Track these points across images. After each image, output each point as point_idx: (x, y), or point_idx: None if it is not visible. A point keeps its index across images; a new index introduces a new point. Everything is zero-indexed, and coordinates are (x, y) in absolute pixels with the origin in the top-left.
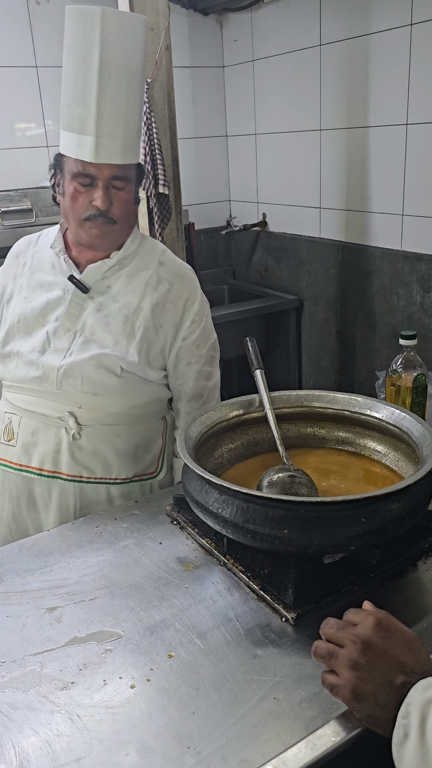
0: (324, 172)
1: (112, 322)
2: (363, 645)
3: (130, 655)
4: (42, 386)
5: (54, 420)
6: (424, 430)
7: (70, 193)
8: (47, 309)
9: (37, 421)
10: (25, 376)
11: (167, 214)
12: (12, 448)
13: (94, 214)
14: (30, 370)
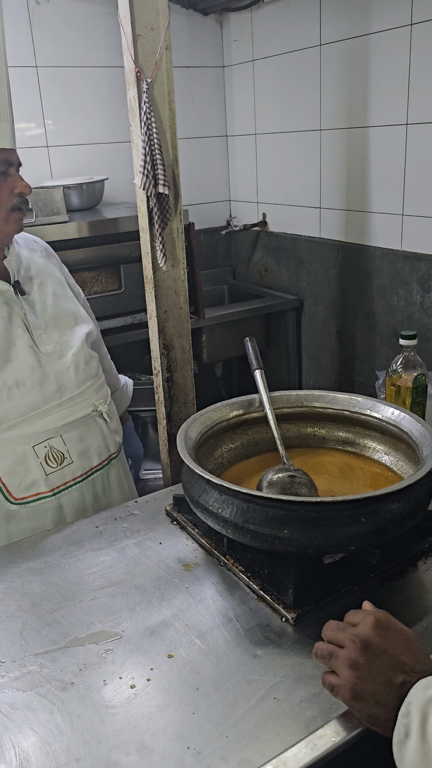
0: (324, 172)
1: (60, 302)
2: (362, 644)
3: (130, 655)
4: (65, 395)
5: (90, 415)
6: (424, 430)
7: None
8: (11, 325)
9: (79, 427)
10: (43, 397)
11: (167, 214)
12: (69, 465)
13: (20, 202)
14: (44, 388)
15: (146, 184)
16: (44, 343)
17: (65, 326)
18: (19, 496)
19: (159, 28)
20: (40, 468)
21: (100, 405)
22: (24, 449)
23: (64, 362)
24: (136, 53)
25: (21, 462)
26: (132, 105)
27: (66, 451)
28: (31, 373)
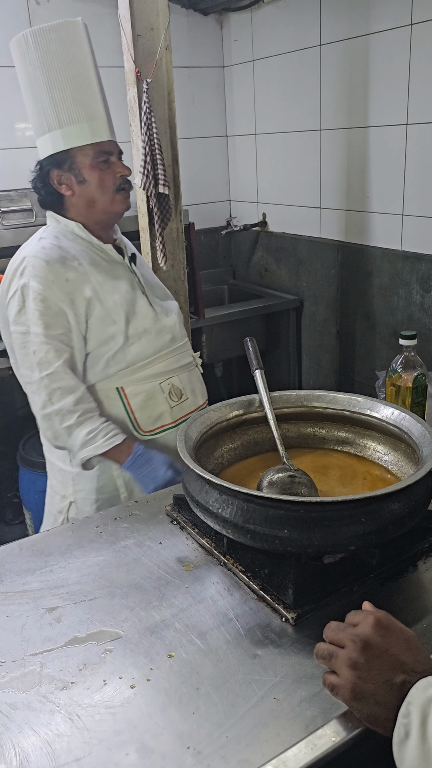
0: (324, 172)
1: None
2: (362, 644)
3: (130, 655)
4: (175, 344)
5: (192, 364)
6: (424, 430)
7: (97, 178)
8: (132, 287)
9: (187, 370)
10: (162, 344)
11: (167, 214)
12: (186, 401)
13: (122, 183)
14: (162, 336)
15: (146, 184)
16: (156, 303)
17: (162, 295)
18: (147, 429)
19: (159, 28)
20: (166, 402)
21: (195, 357)
22: (153, 386)
23: (171, 319)
24: (136, 53)
25: (151, 398)
26: (132, 105)
27: (183, 388)
28: (152, 324)
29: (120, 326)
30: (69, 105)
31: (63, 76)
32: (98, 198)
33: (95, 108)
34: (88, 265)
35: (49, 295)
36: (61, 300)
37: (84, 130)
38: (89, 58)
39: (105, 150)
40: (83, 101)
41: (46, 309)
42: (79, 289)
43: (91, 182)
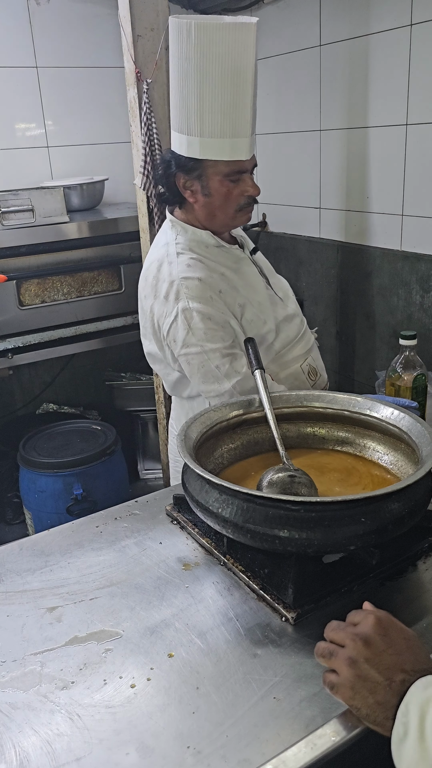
0: (324, 172)
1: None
2: (363, 643)
3: (130, 655)
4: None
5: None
6: (423, 430)
7: (224, 193)
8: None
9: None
10: (297, 330)
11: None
12: (320, 378)
13: (248, 202)
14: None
15: (146, 184)
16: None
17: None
18: None
19: (159, 28)
20: (307, 381)
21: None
22: (296, 369)
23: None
24: (136, 53)
25: (296, 379)
26: (132, 105)
27: (316, 366)
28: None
29: (270, 324)
30: (216, 117)
31: (217, 84)
32: (218, 214)
33: (242, 125)
34: (228, 271)
35: (213, 312)
36: (222, 312)
37: (224, 146)
38: (251, 67)
39: (239, 169)
40: (232, 116)
41: (215, 325)
42: (232, 296)
43: (216, 198)
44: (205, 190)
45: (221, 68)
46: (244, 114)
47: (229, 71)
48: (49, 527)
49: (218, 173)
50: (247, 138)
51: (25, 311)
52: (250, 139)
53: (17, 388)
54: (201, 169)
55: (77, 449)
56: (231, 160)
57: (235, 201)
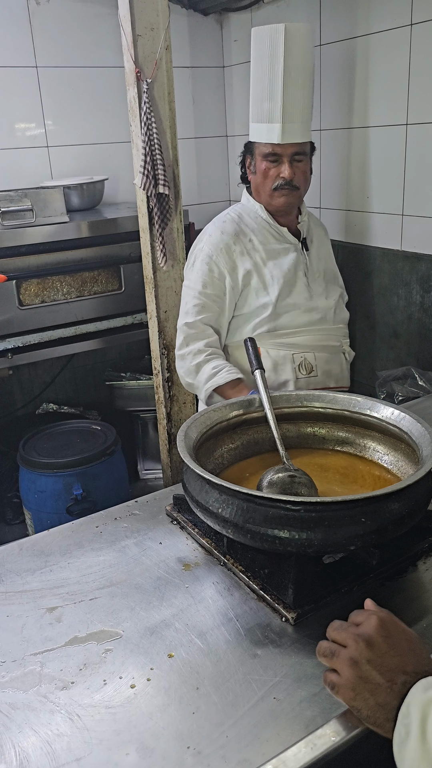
0: (324, 172)
1: (328, 263)
2: (365, 644)
3: (130, 655)
4: (324, 325)
5: (337, 348)
6: (424, 430)
7: (262, 170)
8: (296, 268)
9: (327, 352)
10: (309, 320)
11: (167, 214)
12: (315, 378)
13: (282, 183)
14: (311, 314)
15: (146, 184)
16: (317, 285)
17: (330, 279)
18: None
19: (159, 28)
20: (293, 372)
21: (345, 344)
22: (285, 354)
23: (329, 302)
24: (136, 53)
25: (280, 364)
26: (132, 105)
27: (315, 366)
28: (304, 302)
29: (272, 298)
30: (258, 105)
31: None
32: (261, 190)
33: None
34: (258, 242)
35: (215, 260)
36: (224, 266)
37: (262, 130)
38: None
39: (274, 151)
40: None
41: (209, 271)
42: (242, 260)
43: (258, 175)
44: (253, 168)
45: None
46: (277, 103)
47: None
48: (49, 527)
49: (260, 153)
50: (279, 124)
51: (25, 311)
52: (285, 125)
53: (17, 388)
54: (253, 150)
55: (77, 449)
56: (267, 142)
57: (271, 180)
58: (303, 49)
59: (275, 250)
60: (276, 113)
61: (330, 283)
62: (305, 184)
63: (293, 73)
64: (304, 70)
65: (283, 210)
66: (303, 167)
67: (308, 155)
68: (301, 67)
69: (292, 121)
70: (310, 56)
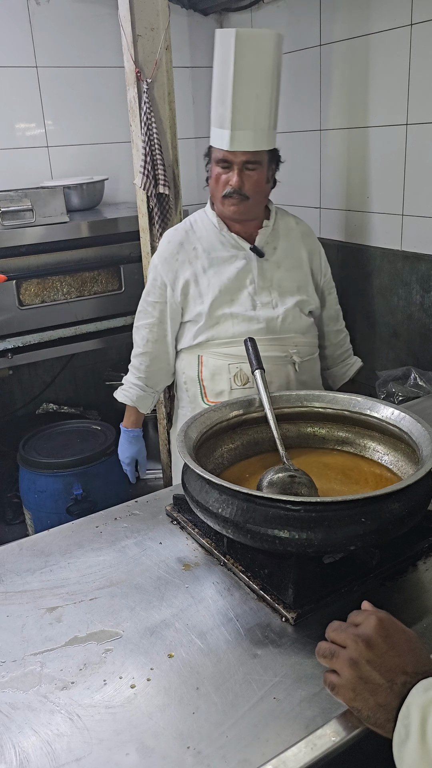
0: (324, 172)
1: (292, 272)
2: (365, 645)
3: (130, 655)
4: (267, 335)
5: (282, 359)
6: (424, 430)
7: (215, 175)
8: (241, 276)
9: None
10: (248, 330)
11: (167, 214)
12: (251, 389)
13: (230, 192)
14: (251, 324)
15: (146, 184)
16: (263, 296)
17: (286, 289)
18: (211, 399)
19: (159, 28)
20: (228, 382)
21: (294, 355)
22: (222, 364)
23: (274, 312)
24: (136, 53)
25: (217, 373)
26: (132, 105)
27: (249, 377)
28: (243, 312)
29: (205, 307)
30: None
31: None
32: (214, 195)
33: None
34: (202, 249)
35: (160, 269)
36: (165, 275)
37: (215, 134)
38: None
39: (225, 158)
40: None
41: (153, 280)
42: (183, 269)
43: (212, 180)
44: (209, 173)
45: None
46: (227, 109)
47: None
48: (49, 527)
49: (215, 158)
50: (228, 131)
51: (25, 311)
52: (234, 133)
53: (17, 388)
54: (210, 156)
55: (77, 449)
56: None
57: (221, 187)
58: (260, 56)
59: (220, 257)
60: (226, 120)
61: (284, 293)
62: (259, 194)
63: (245, 80)
64: (261, 77)
65: (234, 218)
66: (255, 176)
67: (264, 164)
68: (256, 73)
69: (242, 129)
70: (270, 63)
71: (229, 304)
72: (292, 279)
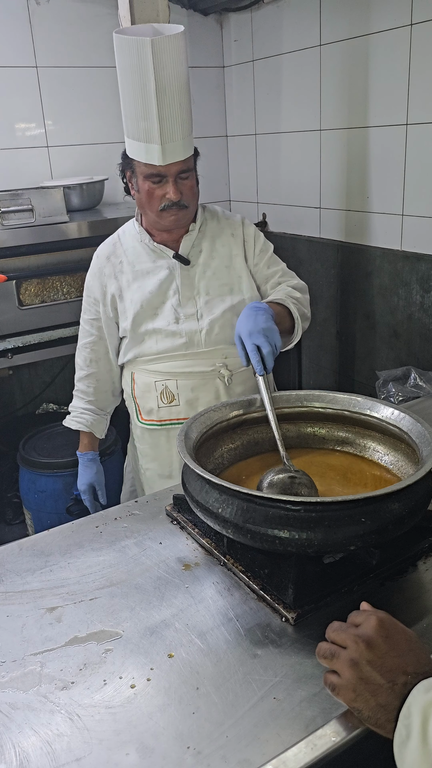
0: (324, 172)
1: (220, 275)
2: (365, 645)
3: (130, 655)
4: (190, 349)
5: (209, 373)
6: (423, 430)
7: (146, 190)
8: (163, 288)
9: (194, 378)
10: (171, 346)
11: None
12: (176, 407)
13: (169, 204)
14: (174, 339)
15: None
16: (187, 307)
17: (216, 294)
18: (144, 417)
19: None
20: (156, 400)
21: (222, 368)
22: (150, 382)
23: (200, 324)
24: None
25: (147, 391)
26: None
27: (177, 394)
28: (166, 326)
29: (128, 323)
30: (133, 121)
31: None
32: (146, 210)
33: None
34: (127, 262)
35: (90, 285)
36: (95, 290)
37: (140, 149)
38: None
39: (157, 173)
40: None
41: (87, 296)
42: (110, 283)
43: (142, 195)
44: (136, 186)
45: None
46: (153, 124)
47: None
48: (49, 527)
49: (142, 173)
50: (158, 145)
51: (25, 311)
52: (165, 146)
53: (17, 388)
54: (133, 167)
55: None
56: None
57: (157, 201)
58: (175, 61)
59: (144, 270)
60: (154, 134)
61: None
62: (194, 199)
63: (167, 90)
64: (179, 83)
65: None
66: (190, 183)
67: (193, 169)
68: (175, 81)
69: (172, 140)
70: (184, 64)
71: (152, 319)
72: (221, 282)
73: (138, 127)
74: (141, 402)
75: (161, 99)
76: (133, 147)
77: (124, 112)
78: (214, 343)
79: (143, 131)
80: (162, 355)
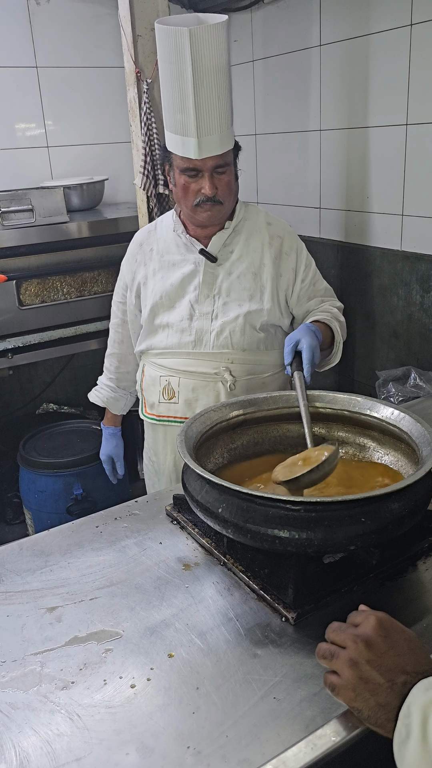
0: (324, 172)
1: (244, 280)
2: (364, 645)
3: (130, 655)
4: (197, 349)
5: (212, 376)
6: (423, 430)
7: (181, 184)
8: (185, 282)
9: (196, 379)
10: (179, 342)
11: None
12: (174, 405)
13: (203, 200)
14: (183, 336)
15: (146, 184)
16: (205, 305)
17: (235, 298)
18: (148, 410)
19: None
20: (158, 395)
21: (225, 373)
22: (155, 375)
23: (212, 325)
24: (136, 53)
25: (152, 384)
26: (132, 105)
27: (177, 392)
28: (178, 322)
29: (146, 311)
30: (172, 114)
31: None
32: (182, 203)
33: (189, 126)
34: (156, 251)
35: (123, 269)
36: (126, 275)
37: (177, 142)
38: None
39: (193, 167)
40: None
41: (119, 279)
42: (139, 270)
43: (177, 188)
44: (172, 179)
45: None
46: (190, 116)
47: (176, 73)
48: (49, 527)
49: (178, 167)
50: (194, 138)
51: (25, 311)
52: (201, 140)
53: (17, 388)
54: (171, 160)
55: (77, 449)
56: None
57: (192, 196)
58: (215, 51)
59: (171, 261)
60: (190, 127)
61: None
62: (230, 196)
63: (206, 82)
64: (218, 75)
65: (207, 224)
66: (226, 179)
67: (231, 164)
68: (213, 72)
69: (209, 134)
70: (226, 56)
71: (169, 311)
72: (243, 287)
73: (175, 119)
74: (146, 394)
75: (198, 91)
76: (171, 139)
77: (164, 105)
78: (221, 346)
79: (180, 124)
80: (170, 350)
